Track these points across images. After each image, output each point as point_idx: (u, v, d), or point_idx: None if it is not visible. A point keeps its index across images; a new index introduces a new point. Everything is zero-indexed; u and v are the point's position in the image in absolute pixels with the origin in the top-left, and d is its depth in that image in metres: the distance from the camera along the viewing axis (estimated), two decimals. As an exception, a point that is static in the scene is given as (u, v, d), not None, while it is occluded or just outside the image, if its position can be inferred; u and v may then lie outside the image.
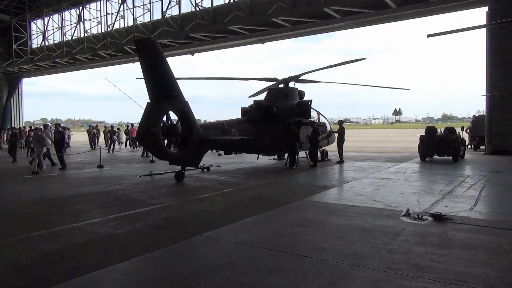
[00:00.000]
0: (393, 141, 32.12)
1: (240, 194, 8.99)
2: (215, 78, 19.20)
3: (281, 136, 14.01)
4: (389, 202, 7.70)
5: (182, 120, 10.52)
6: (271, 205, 7.65)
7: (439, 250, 4.92)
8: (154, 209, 7.48)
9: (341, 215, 6.73)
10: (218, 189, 9.74)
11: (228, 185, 10.41)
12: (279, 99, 14.86)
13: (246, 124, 13.32)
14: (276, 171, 13.56)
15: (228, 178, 11.78)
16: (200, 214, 7.02)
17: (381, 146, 25.94)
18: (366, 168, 13.59)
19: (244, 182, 10.96)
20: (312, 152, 14.60)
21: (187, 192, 9.56)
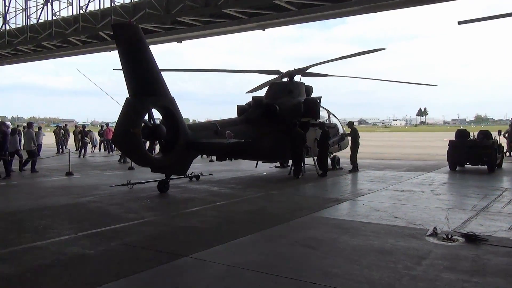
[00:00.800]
0: (417, 147, 32.25)
1: (235, 208, 8.99)
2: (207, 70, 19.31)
3: (284, 140, 14.04)
4: (413, 219, 7.72)
5: (167, 119, 10.53)
6: (272, 221, 7.67)
7: (472, 277, 4.89)
8: (133, 225, 7.48)
9: (355, 234, 6.74)
10: (209, 202, 9.75)
11: (221, 197, 10.43)
12: (282, 96, 14.91)
13: (243, 124, 13.34)
14: (278, 181, 13.56)
15: (221, 189, 11.78)
16: (187, 232, 7.02)
17: (403, 153, 26.03)
18: (385, 179, 13.62)
19: (240, 193, 10.98)
20: (321, 159, 14.64)
21: (173, 205, 9.55)
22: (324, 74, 16.26)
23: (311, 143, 15.27)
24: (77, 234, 6.83)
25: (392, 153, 25.90)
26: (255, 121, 13.71)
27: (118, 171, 16.48)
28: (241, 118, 13.87)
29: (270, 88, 15.45)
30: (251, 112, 14.14)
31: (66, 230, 7.11)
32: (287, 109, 14.44)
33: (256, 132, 13.34)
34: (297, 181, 13.35)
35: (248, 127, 13.31)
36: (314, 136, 15.67)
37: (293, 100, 14.94)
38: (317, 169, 14.82)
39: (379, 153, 25.15)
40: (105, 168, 17.74)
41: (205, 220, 7.81)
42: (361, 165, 18.23)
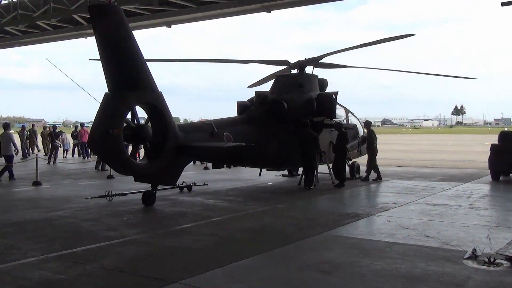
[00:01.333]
0: (452, 152, 32.23)
1: (235, 225, 8.99)
2: (201, 60, 19.30)
3: (293, 143, 14.07)
4: (447, 239, 7.70)
5: (154, 118, 10.58)
6: (279, 241, 7.66)
7: (519, 308, 4.89)
8: (113, 245, 7.49)
9: (378, 257, 6.72)
10: (203, 217, 9.76)
11: (217, 211, 10.43)
12: (291, 91, 14.95)
13: (244, 125, 13.37)
14: (286, 193, 13.55)
15: (217, 202, 11.80)
16: (177, 253, 7.02)
17: (436, 159, 26.02)
18: (414, 190, 13.59)
19: (241, 207, 10.99)
20: (338, 166, 14.64)
21: (160, 222, 9.56)
22: (341, 65, 16.27)
23: (326, 147, 15.27)
24: (46, 256, 6.84)
25: (422, 159, 25.87)
26: (258, 120, 13.73)
27: (94, 181, 16.53)
28: (242, 117, 13.90)
29: (276, 82, 15.47)
30: (254, 110, 14.16)
31: (32, 250, 7.12)
32: (297, 107, 14.47)
33: (260, 133, 13.35)
34: (308, 193, 13.33)
35: (250, 128, 13.33)
36: (329, 138, 15.66)
37: (304, 95, 14.96)
38: (332, 178, 14.81)
39: (406, 160, 25.10)
40: (80, 176, 17.80)
41: (199, 239, 7.81)
42: (385, 173, 18.16)
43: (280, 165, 14.99)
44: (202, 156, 12.92)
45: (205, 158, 14.25)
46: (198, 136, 11.60)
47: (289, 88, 15.03)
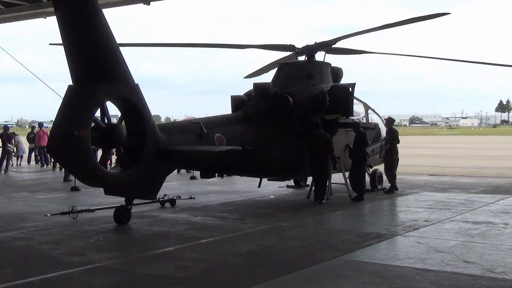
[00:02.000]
0: (497, 157, 32.21)
1: (228, 248, 8.98)
2: (187, 45, 19.31)
3: (301, 147, 14.09)
4: (491, 265, 7.70)
5: (129, 117, 10.58)
6: (283, 268, 7.65)
7: None
8: (78, 273, 7.47)
9: (406, 287, 6.72)
10: (189, 238, 9.74)
11: (207, 231, 10.42)
12: (297, 82, 14.98)
13: (239, 124, 13.38)
14: (291, 208, 13.51)
15: (207, 220, 11.78)
16: (157, 284, 7.00)
17: (477, 166, 26.03)
18: (450, 204, 13.61)
19: (236, 226, 10.97)
20: (356, 175, 14.66)
21: (136, 244, 9.54)
22: (359, 51, 16.29)
23: (341, 152, 15.27)
24: (-5, 287, 6.82)
25: (459, 166, 25.86)
26: (258, 119, 13.74)
27: (56, 194, 16.47)
28: (238, 115, 13.90)
29: (280, 71, 15.49)
30: (252, 107, 14.17)
31: (-22, 280, 7.09)
32: (305, 102, 14.48)
33: (260, 135, 13.36)
34: (319, 208, 13.31)
35: (248, 128, 13.33)
36: (345, 141, 15.65)
37: (314, 88, 14.99)
38: (349, 190, 14.81)
39: (440, 167, 25.09)
40: (37, 188, 17.75)
41: (184, 266, 7.79)
42: (415, 184, 18.13)
43: (285, 173, 14.95)
44: (188, 163, 12.86)
45: (192, 166, 14.18)
46: (183, 138, 11.59)
47: (295, 79, 15.04)
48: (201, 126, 12.01)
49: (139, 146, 10.49)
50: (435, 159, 30.30)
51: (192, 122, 12.75)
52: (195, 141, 11.76)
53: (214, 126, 12.56)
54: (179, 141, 11.42)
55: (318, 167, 13.98)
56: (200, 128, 11.96)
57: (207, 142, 11.89)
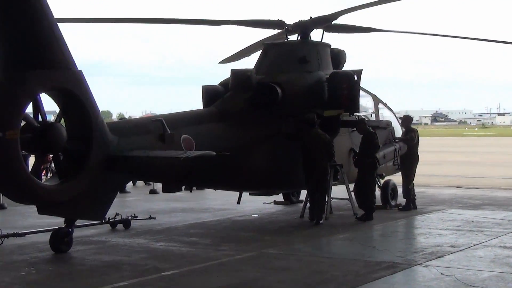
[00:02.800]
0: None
1: (199, 283, 8.95)
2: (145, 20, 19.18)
3: (292, 152, 14.14)
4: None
5: (70, 113, 10.54)
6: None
7: None
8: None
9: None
10: (148, 270, 9.72)
11: (171, 261, 10.40)
12: (288, 68, 15.01)
13: (213, 123, 13.37)
14: (280, 230, 13.50)
15: (172, 246, 11.75)
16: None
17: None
18: (483, 225, 13.70)
19: (209, 254, 10.95)
20: (363, 187, 14.73)
21: (79, 278, 9.45)
22: (366, 28, 16.35)
23: (344, 158, 15.33)
24: None
25: (496, 176, 26.07)
26: (236, 116, 13.72)
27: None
28: (211, 110, 13.88)
29: (265, 55, 15.48)
30: (230, 100, 14.15)
31: None
32: (298, 94, 14.51)
33: (239, 136, 13.37)
34: (316, 230, 13.32)
35: (224, 128, 13.33)
36: (349, 144, 15.71)
37: (309, 76, 15.02)
38: (354, 206, 14.88)
39: (470, 177, 25.24)
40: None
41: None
42: (438, 199, 18.25)
43: (272, 186, 14.94)
44: (146, 173, 12.78)
45: (152, 176, 14.10)
46: (141, 141, 11.56)
47: (285, 64, 15.06)
48: (164, 125, 11.97)
49: (83, 151, 10.44)
50: (464, 167, 30.44)
51: (152, 120, 12.68)
52: (155, 144, 11.72)
53: (181, 125, 12.54)
54: (135, 144, 11.39)
55: (315, 177, 14.01)
56: (162, 128, 11.92)
57: (171, 146, 11.85)
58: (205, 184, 14.81)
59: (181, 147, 12.02)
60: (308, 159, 13.96)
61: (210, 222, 14.73)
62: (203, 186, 17.05)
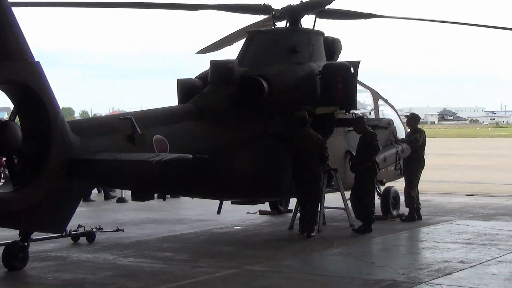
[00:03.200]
0: None
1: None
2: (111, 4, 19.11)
3: (281, 154, 14.17)
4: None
5: (26, 110, 10.52)
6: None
7: None
8: None
9: None
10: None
11: (142, 279, 10.39)
12: (275, 59, 15.03)
13: (189, 122, 13.35)
14: (266, 244, 13.53)
15: (142, 262, 11.75)
16: None
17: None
18: (497, 238, 13.76)
19: (184, 271, 10.96)
20: (361, 196, 14.75)
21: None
22: (364, 14, 16.37)
23: (339, 161, 15.37)
24: None
25: (510, 182, 26.20)
26: (216, 113, 13.72)
27: None
28: (187, 107, 13.85)
29: (249, 44, 15.46)
30: (209, 95, 14.14)
31: None
32: (287, 88, 14.53)
33: (219, 137, 13.35)
34: (307, 244, 13.34)
35: (202, 127, 13.31)
36: (345, 146, 15.76)
37: (300, 68, 15.05)
38: (350, 217, 14.90)
39: (483, 184, 25.36)
40: None
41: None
42: (446, 208, 18.28)
43: (257, 193, 14.91)
44: (113, 179, 12.73)
45: (120, 182, 14.01)
46: (106, 142, 11.51)
47: (272, 54, 15.07)
48: (133, 124, 11.94)
49: (40, 154, 10.39)
50: (475, 172, 30.63)
51: (120, 118, 12.63)
52: (124, 146, 11.70)
53: (153, 124, 12.52)
54: (101, 146, 11.35)
55: (306, 183, 14.03)
56: (132, 127, 11.89)
57: (142, 148, 11.83)
58: (180, 192, 14.75)
59: (153, 149, 11.98)
60: (298, 163, 13.96)
61: (186, 234, 14.70)
62: (178, 194, 17.01)
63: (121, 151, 11.54)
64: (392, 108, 18.77)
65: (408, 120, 17.30)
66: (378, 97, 17.84)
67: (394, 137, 17.12)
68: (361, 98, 16.44)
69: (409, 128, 17.12)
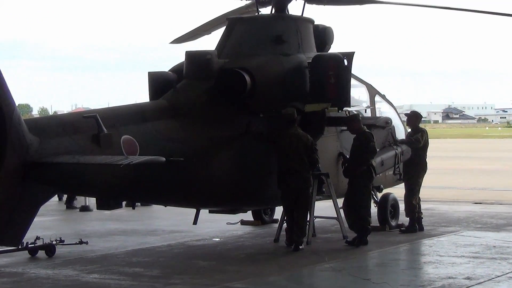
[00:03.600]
0: None
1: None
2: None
3: (265, 157, 14.25)
4: None
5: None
6: None
7: None
8: None
9: None
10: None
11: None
12: (259, 50, 15.10)
13: (162, 120, 13.36)
14: (248, 258, 13.57)
15: (109, 279, 11.77)
16: None
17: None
18: (508, 251, 13.85)
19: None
20: (355, 204, 14.81)
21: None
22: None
23: (331, 165, 15.47)
24: None
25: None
26: (192, 111, 13.78)
27: None
28: (160, 104, 13.86)
29: (230, 33, 15.51)
30: (184, 90, 14.18)
31: None
32: (272, 82, 14.55)
33: (196, 138, 13.39)
34: (295, 258, 13.37)
35: (176, 127, 13.34)
36: (338, 147, 15.87)
37: (287, 60, 15.08)
38: (343, 227, 14.97)
39: (492, 190, 25.48)
40: None
41: None
42: (451, 218, 18.38)
43: (238, 201, 14.95)
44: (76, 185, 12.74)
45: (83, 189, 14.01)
46: (68, 144, 11.51)
47: (255, 44, 15.15)
48: (99, 122, 11.96)
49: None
50: (484, 178, 30.72)
51: (84, 116, 12.63)
52: (88, 147, 11.70)
53: (121, 122, 12.54)
54: (62, 148, 11.36)
55: (293, 190, 14.07)
56: (97, 127, 11.91)
57: (108, 150, 11.85)
58: (152, 199, 14.74)
59: (121, 151, 11.99)
60: (285, 167, 14.00)
61: (158, 247, 14.73)
62: (150, 202, 17.00)
63: (84, 153, 11.52)
64: (390, 105, 18.85)
65: (409, 119, 17.33)
66: (374, 93, 17.92)
67: (392, 138, 17.16)
68: (356, 93, 16.49)
69: (410, 128, 17.17)
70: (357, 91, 16.86)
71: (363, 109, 17.24)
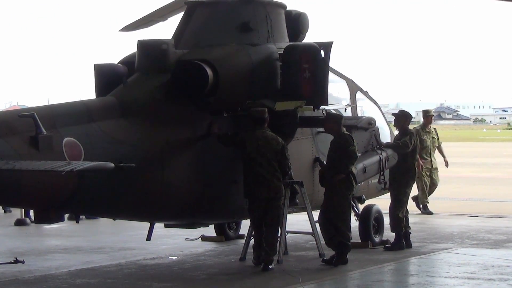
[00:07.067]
0: None
1: None
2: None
3: (230, 163, 14.30)
4: None
5: None
6: None
7: None
8: None
9: None
10: None
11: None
12: (223, 39, 15.15)
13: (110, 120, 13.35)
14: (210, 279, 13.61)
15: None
16: None
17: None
18: (507, 271, 13.95)
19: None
20: (333, 217, 14.86)
21: None
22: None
23: (305, 172, 15.54)
24: None
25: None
26: (145, 109, 13.78)
27: None
28: (107, 101, 13.84)
29: (189, 19, 15.51)
30: (136, 85, 14.18)
31: None
32: (237, 76, 14.63)
33: (149, 140, 13.42)
34: (264, 280, 13.40)
35: (127, 128, 13.34)
36: (313, 152, 15.93)
37: (255, 51, 15.16)
38: (319, 243, 15.04)
39: (490, 201, 25.73)
40: None
41: None
42: (443, 233, 18.57)
43: (198, 214, 14.96)
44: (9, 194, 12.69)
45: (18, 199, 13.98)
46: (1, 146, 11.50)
47: (218, 33, 15.20)
48: (37, 122, 11.92)
49: None
50: (481, 187, 31.01)
51: (20, 115, 12.59)
52: (24, 151, 11.69)
53: (63, 123, 12.51)
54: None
55: (262, 201, 14.09)
56: (35, 127, 11.87)
57: (48, 154, 11.82)
58: (98, 211, 14.69)
59: (63, 155, 11.96)
60: (252, 174, 14.03)
61: (106, 267, 14.70)
62: (96, 214, 16.96)
63: (20, 158, 11.48)
64: (374, 103, 18.94)
65: (397, 120, 17.36)
66: (356, 89, 18.00)
67: (376, 141, 17.23)
68: (334, 90, 16.54)
69: (397, 130, 17.23)
70: (336, 87, 16.91)
71: (343, 108, 17.26)
